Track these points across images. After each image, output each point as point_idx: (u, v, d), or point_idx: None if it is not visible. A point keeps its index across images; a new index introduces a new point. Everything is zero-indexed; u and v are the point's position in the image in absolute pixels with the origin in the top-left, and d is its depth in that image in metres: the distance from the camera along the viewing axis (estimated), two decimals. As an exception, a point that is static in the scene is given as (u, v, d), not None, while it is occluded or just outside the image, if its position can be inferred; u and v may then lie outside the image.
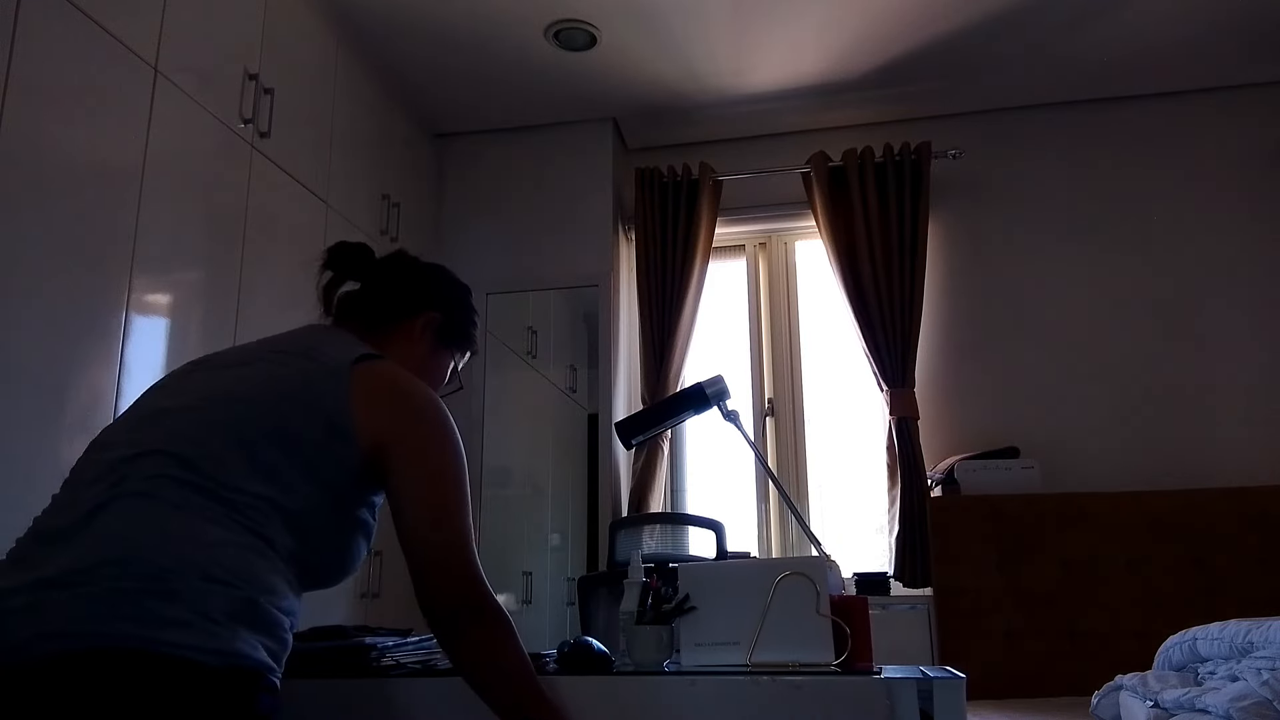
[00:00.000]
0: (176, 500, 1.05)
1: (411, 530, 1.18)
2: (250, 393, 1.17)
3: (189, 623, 0.97)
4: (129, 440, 1.12)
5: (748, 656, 1.34)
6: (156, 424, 1.13)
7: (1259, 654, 1.70)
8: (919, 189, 3.55)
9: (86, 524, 1.03)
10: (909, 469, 3.32)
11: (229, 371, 1.23)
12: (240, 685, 1.00)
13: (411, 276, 1.48)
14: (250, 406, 1.15)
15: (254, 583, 1.05)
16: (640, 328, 3.64)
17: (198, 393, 1.18)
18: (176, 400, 1.17)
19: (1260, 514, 2.90)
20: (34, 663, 0.94)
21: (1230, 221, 3.50)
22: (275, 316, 2.71)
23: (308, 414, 1.16)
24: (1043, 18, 3.16)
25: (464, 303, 1.52)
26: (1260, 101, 3.57)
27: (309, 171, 2.90)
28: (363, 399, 1.18)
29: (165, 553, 1.01)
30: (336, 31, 3.12)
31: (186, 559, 1.01)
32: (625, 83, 3.52)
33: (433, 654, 1.56)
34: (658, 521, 2.87)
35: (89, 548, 1.01)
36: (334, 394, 1.18)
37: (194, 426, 1.12)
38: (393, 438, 1.18)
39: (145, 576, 0.98)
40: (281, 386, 1.18)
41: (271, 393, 1.17)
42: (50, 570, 0.99)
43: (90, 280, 2.03)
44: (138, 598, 0.97)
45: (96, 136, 2.06)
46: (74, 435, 1.96)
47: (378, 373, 1.23)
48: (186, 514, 1.04)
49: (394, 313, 1.42)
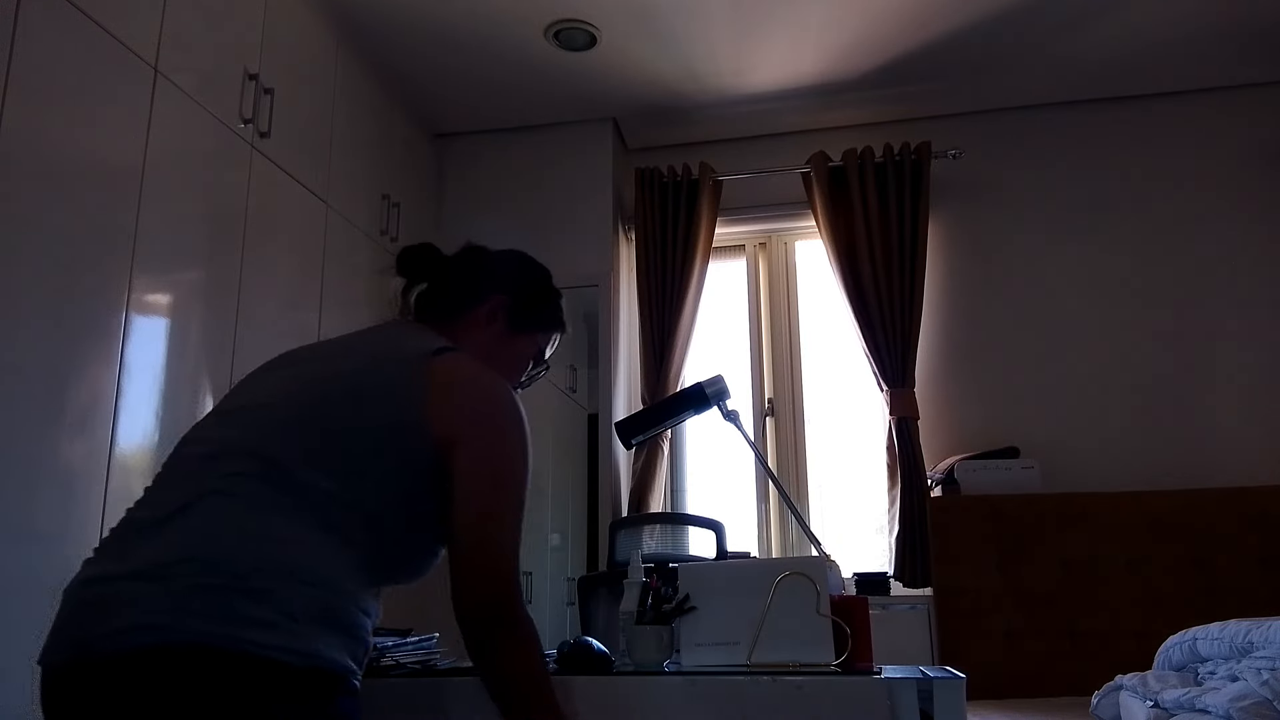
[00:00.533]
0: (256, 499, 1.05)
1: (457, 529, 1.15)
2: (328, 390, 1.17)
3: (273, 623, 0.98)
4: (212, 438, 1.13)
5: (748, 656, 1.34)
6: (238, 422, 1.14)
7: (1259, 654, 1.70)
8: (919, 189, 3.55)
9: (170, 520, 1.04)
10: (909, 469, 3.32)
11: (309, 366, 1.22)
12: (321, 686, 1.01)
13: (477, 265, 1.45)
14: (327, 404, 1.15)
15: (334, 583, 1.05)
16: (640, 328, 3.64)
17: (278, 390, 1.18)
18: (257, 397, 1.18)
19: (1260, 514, 2.90)
20: (114, 654, 0.95)
21: (1230, 221, 3.50)
22: (275, 316, 2.71)
23: (384, 410, 1.15)
24: (1043, 18, 3.16)
25: (538, 284, 1.47)
26: (1260, 101, 3.57)
27: (309, 171, 2.90)
28: (437, 394, 1.17)
29: (246, 551, 1.01)
30: (336, 31, 3.12)
31: (267, 558, 1.01)
32: (625, 83, 3.52)
33: (432, 654, 1.56)
34: (658, 521, 2.87)
35: (173, 544, 1.01)
36: (409, 389, 1.16)
37: (272, 424, 1.12)
38: (460, 435, 1.16)
39: (227, 575, 0.99)
40: (359, 382, 1.18)
41: (349, 389, 1.17)
42: (135, 563, 1.01)
43: (90, 280, 2.03)
44: (219, 595, 0.98)
45: (96, 136, 2.06)
46: (74, 435, 1.96)
47: (452, 366, 1.21)
48: (266, 513, 1.05)
49: (462, 303, 1.39)
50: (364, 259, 3.23)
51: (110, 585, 1.00)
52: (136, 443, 2.14)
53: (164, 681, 0.94)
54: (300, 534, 1.05)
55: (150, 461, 2.18)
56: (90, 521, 1.98)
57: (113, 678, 0.96)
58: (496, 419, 1.20)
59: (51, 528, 1.89)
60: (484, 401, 1.20)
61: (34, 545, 1.85)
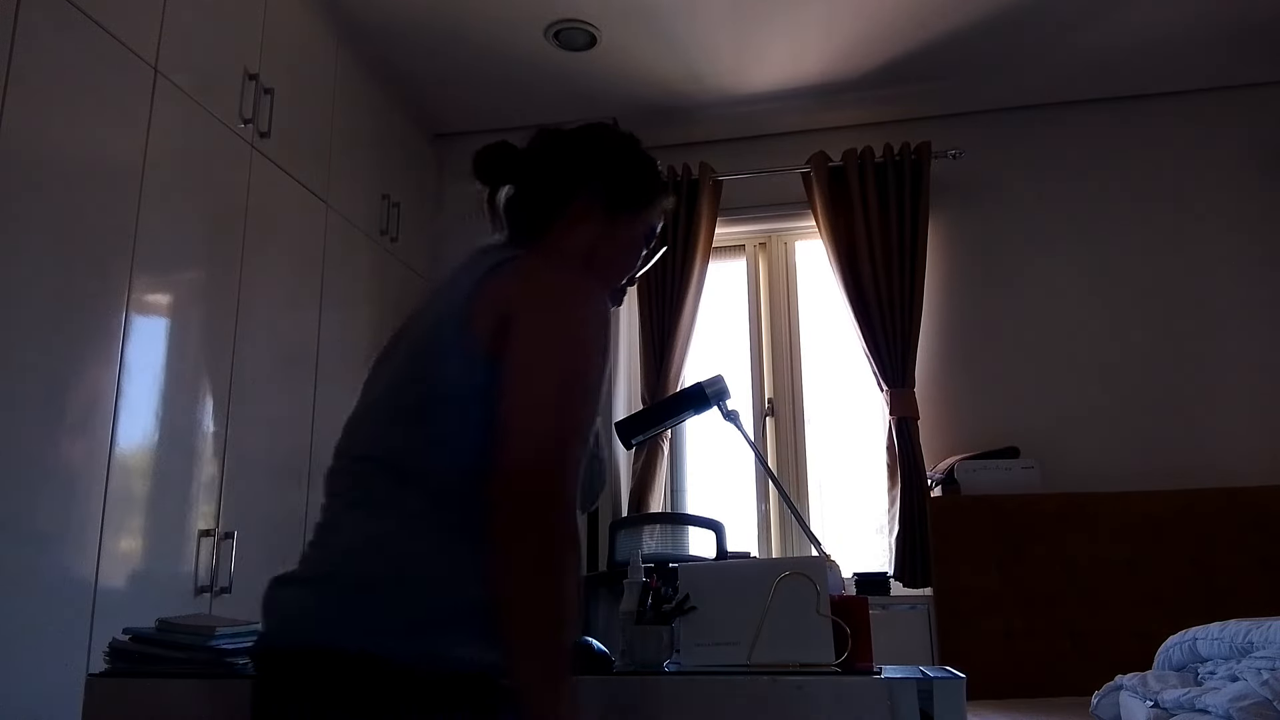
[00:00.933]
0: (381, 505, 1.04)
1: (497, 427, 0.99)
2: (397, 372, 1.11)
3: (412, 629, 0.97)
4: (338, 450, 1.15)
5: (748, 656, 1.34)
6: (351, 431, 1.16)
7: (1259, 654, 1.70)
8: (919, 189, 3.55)
9: (322, 534, 1.09)
10: (909, 469, 3.32)
11: (390, 361, 1.18)
12: (474, 691, 0.99)
13: (558, 154, 1.26)
14: (398, 387, 1.09)
15: (471, 582, 0.98)
16: (640, 328, 3.64)
17: (371, 387, 1.19)
18: (363, 398, 1.19)
19: (1260, 514, 2.90)
20: (271, 654, 1.02)
21: (1230, 221, 3.50)
22: (275, 316, 2.71)
23: (446, 366, 1.04)
24: (1043, 18, 3.16)
25: (631, 155, 1.28)
26: (1260, 101, 3.57)
27: (309, 171, 2.90)
28: (481, 319, 1.04)
29: (380, 562, 1.00)
30: (336, 31, 3.12)
31: (400, 566, 1.00)
32: (625, 83, 3.52)
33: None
34: (658, 521, 2.87)
35: (324, 558, 1.05)
36: (457, 329, 1.05)
37: (371, 424, 1.12)
38: (509, 333, 1.02)
39: (366, 585, 0.99)
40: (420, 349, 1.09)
41: (413, 363, 1.09)
42: (299, 571, 1.07)
43: (90, 280, 2.03)
44: (362, 604, 0.98)
45: (96, 136, 2.06)
46: (74, 435, 1.96)
47: (498, 283, 1.07)
48: (390, 519, 1.02)
49: (553, 202, 1.23)
50: (364, 259, 3.23)
51: (272, 589, 1.09)
52: (136, 443, 2.14)
53: (295, 687, 0.98)
54: (427, 533, 1.01)
55: (150, 461, 2.18)
56: (90, 521, 1.98)
57: (261, 676, 1.03)
58: (546, 303, 1.05)
59: (51, 528, 1.89)
60: (530, 293, 1.06)
61: (34, 545, 1.85)
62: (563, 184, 1.23)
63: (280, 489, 2.69)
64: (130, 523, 2.11)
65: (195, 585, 2.30)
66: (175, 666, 1.48)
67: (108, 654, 1.52)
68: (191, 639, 1.49)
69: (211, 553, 2.35)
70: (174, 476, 2.26)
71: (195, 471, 2.34)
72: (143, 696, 1.44)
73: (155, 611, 1.72)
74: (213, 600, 2.33)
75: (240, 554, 2.42)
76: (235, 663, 1.49)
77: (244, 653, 1.46)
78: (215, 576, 2.35)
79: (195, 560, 2.30)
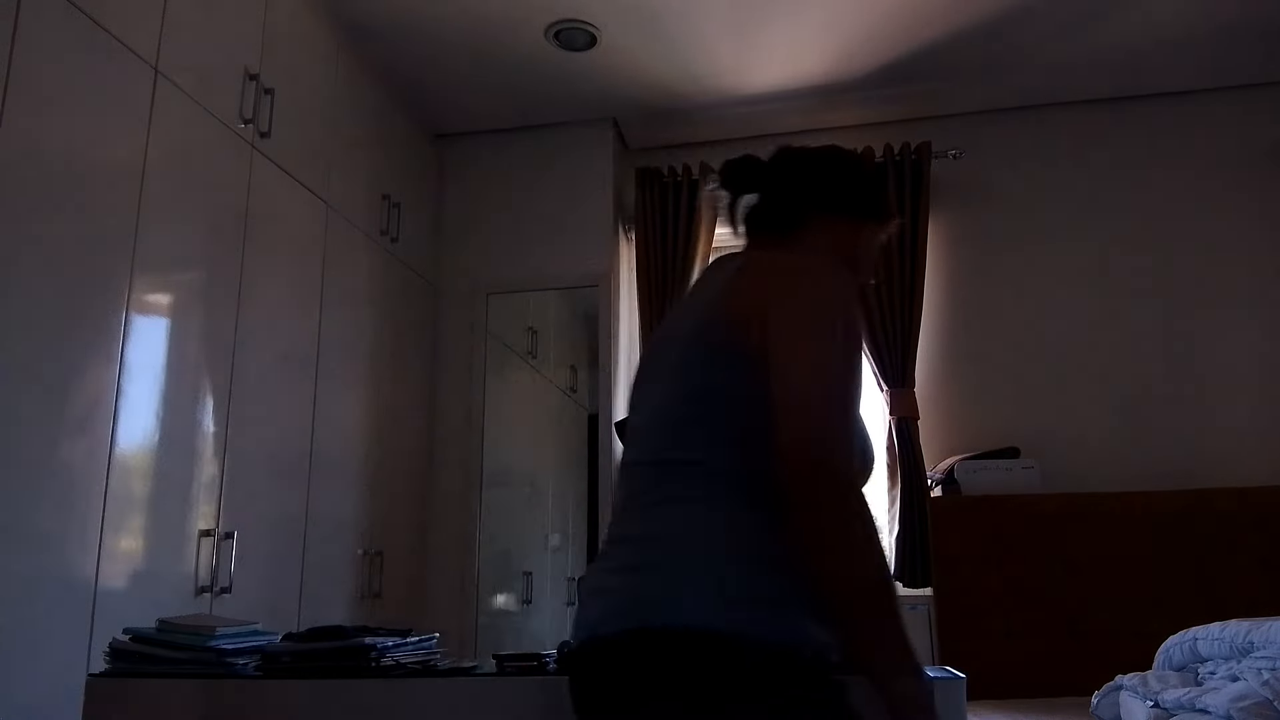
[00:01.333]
0: (692, 500, 1.06)
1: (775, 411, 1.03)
2: (672, 379, 1.15)
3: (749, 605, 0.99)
4: (629, 461, 1.18)
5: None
6: (638, 441, 1.17)
7: (1259, 654, 1.70)
8: (919, 189, 3.55)
9: (629, 528, 1.10)
10: (909, 469, 3.32)
11: (659, 360, 1.21)
12: (813, 667, 1.00)
13: (804, 169, 1.38)
14: (677, 394, 1.13)
15: (790, 563, 1.01)
16: (640, 328, 3.64)
17: (646, 398, 1.20)
18: (640, 410, 1.21)
19: (1260, 514, 2.90)
20: (604, 641, 1.02)
21: (1230, 221, 3.50)
22: (275, 316, 2.71)
23: (716, 367, 1.10)
24: (1043, 18, 3.16)
25: (861, 174, 1.39)
26: (1260, 101, 3.57)
27: (309, 171, 2.90)
28: (739, 316, 1.10)
29: (701, 545, 1.03)
30: (336, 31, 3.12)
31: (722, 549, 1.02)
32: (625, 83, 3.52)
33: (432, 654, 1.56)
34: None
35: (641, 549, 1.06)
36: (718, 330, 1.11)
37: (661, 430, 1.13)
38: (767, 324, 1.07)
39: (696, 567, 1.01)
40: (688, 355, 1.14)
41: (687, 370, 1.13)
42: (615, 564, 1.08)
43: (90, 280, 2.03)
44: (696, 584, 1.00)
45: (96, 136, 2.06)
46: (74, 435, 1.96)
47: (748, 281, 1.15)
48: (702, 509, 1.05)
49: (796, 212, 1.32)
50: (364, 259, 3.23)
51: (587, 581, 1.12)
52: (136, 443, 2.14)
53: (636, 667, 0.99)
54: (735, 523, 1.04)
55: (150, 461, 2.18)
56: (90, 521, 1.98)
57: (590, 663, 1.05)
58: (798, 289, 1.10)
59: (51, 528, 1.89)
60: (781, 283, 1.12)
61: (34, 545, 1.85)
62: (807, 196, 1.34)
63: (280, 489, 2.69)
64: (130, 523, 2.11)
65: (195, 585, 2.30)
66: (175, 666, 1.48)
67: (108, 654, 1.52)
68: (191, 639, 1.49)
69: (211, 553, 2.35)
70: (174, 476, 2.26)
71: (195, 471, 2.34)
72: (143, 696, 1.44)
73: (155, 611, 1.72)
74: (213, 600, 2.33)
75: (240, 554, 2.42)
76: (235, 663, 1.49)
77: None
78: (215, 576, 2.35)
79: (195, 560, 2.30)
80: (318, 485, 2.85)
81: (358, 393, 3.14)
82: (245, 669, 1.49)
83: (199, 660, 1.47)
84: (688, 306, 1.22)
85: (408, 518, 3.44)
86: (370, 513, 3.16)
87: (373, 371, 3.24)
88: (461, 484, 3.57)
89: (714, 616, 0.97)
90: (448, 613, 3.41)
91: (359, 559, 3.06)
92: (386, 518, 3.26)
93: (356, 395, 3.13)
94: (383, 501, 3.25)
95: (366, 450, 3.17)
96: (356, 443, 3.11)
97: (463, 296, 3.75)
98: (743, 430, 1.06)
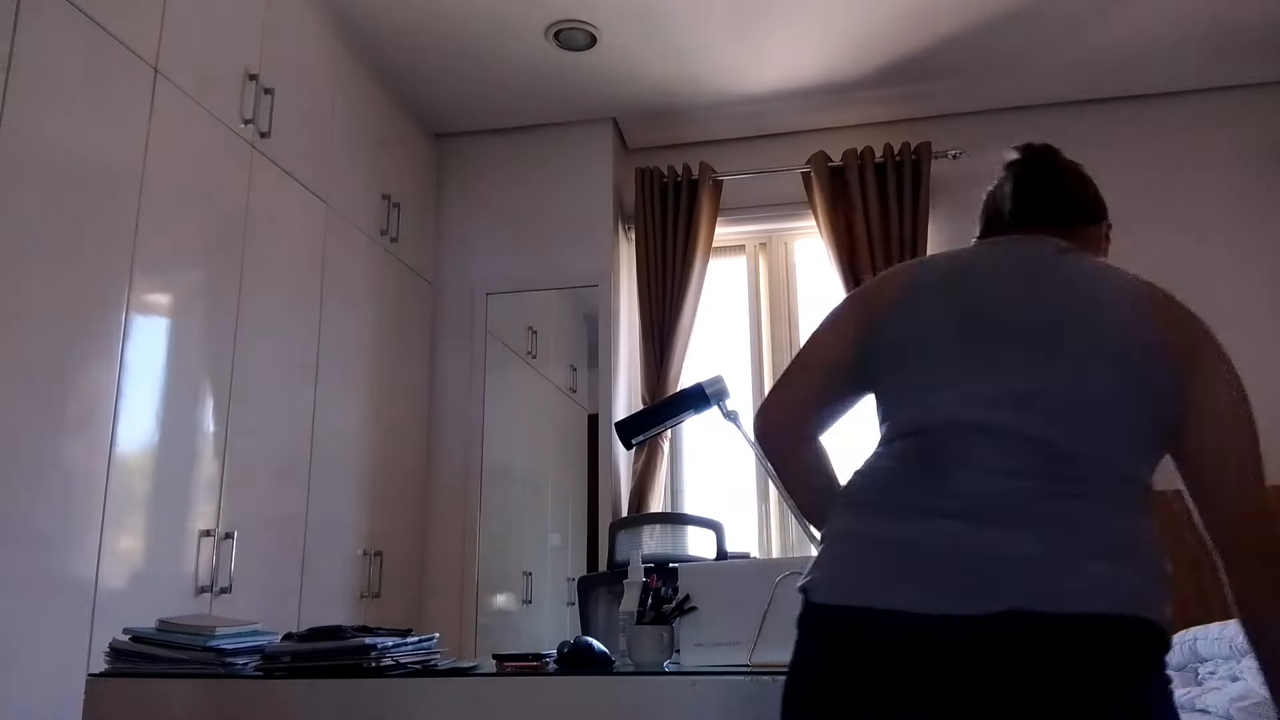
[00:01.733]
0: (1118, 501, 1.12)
1: (1217, 466, 1.21)
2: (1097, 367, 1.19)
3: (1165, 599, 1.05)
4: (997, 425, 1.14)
5: (748, 656, 1.34)
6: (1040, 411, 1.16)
7: (1259, 654, 1.70)
8: (919, 189, 3.55)
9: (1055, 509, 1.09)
10: (909, 469, 3.31)
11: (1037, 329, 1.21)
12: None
13: (1086, 181, 1.47)
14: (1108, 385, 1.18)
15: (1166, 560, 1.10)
16: (640, 328, 3.64)
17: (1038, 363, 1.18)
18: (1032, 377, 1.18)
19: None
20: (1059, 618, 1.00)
21: (1230, 221, 3.50)
22: (275, 316, 2.71)
23: (1145, 373, 1.19)
24: (1043, 18, 3.16)
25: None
26: (1260, 101, 3.57)
27: (309, 171, 2.90)
28: (1171, 339, 1.20)
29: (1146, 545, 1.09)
30: (336, 31, 3.12)
31: (1152, 548, 1.09)
32: (625, 83, 3.52)
33: (432, 654, 1.56)
34: (658, 521, 2.87)
35: (1098, 540, 1.07)
36: (1153, 339, 1.20)
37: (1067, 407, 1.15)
38: (1198, 356, 1.22)
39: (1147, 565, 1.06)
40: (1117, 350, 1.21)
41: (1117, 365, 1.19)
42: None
43: (90, 280, 2.03)
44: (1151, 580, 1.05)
45: (96, 136, 2.06)
46: (74, 435, 1.96)
47: (1167, 305, 1.26)
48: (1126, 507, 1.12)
49: (1083, 217, 1.41)
50: (364, 259, 3.24)
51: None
52: (136, 443, 2.14)
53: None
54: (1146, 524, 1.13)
55: (150, 461, 2.18)
56: (90, 521, 1.99)
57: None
58: (1215, 340, 1.22)
59: (51, 528, 1.89)
60: (1201, 324, 1.22)
61: (34, 545, 1.85)
62: (1096, 207, 1.43)
63: (280, 489, 2.69)
64: (130, 523, 2.11)
65: (195, 585, 2.30)
66: (175, 666, 1.48)
67: (108, 654, 1.52)
68: (191, 639, 1.49)
69: (211, 553, 2.35)
70: (174, 476, 2.26)
71: (195, 471, 2.34)
72: (143, 696, 1.44)
73: (155, 611, 1.72)
74: (213, 600, 2.34)
75: (240, 554, 2.42)
76: (235, 663, 1.49)
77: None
78: (215, 576, 2.35)
79: (195, 560, 2.30)
80: (318, 485, 2.85)
81: (358, 393, 3.14)
82: (245, 669, 1.49)
83: (199, 660, 1.47)
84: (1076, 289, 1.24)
85: (408, 518, 3.44)
86: (370, 513, 3.16)
87: (373, 371, 3.24)
88: (461, 484, 3.57)
89: (1162, 610, 1.03)
90: (448, 613, 3.41)
91: (359, 559, 3.07)
92: (386, 518, 3.27)
93: (356, 395, 3.13)
94: (383, 501, 3.25)
95: (366, 450, 3.17)
96: (356, 442, 3.11)
97: (463, 296, 3.76)
98: (1145, 448, 1.15)
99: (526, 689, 1.33)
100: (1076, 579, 1.02)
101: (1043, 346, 1.15)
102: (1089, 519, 1.08)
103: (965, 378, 1.14)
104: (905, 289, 1.25)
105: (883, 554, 1.05)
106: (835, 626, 1.04)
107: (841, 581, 1.06)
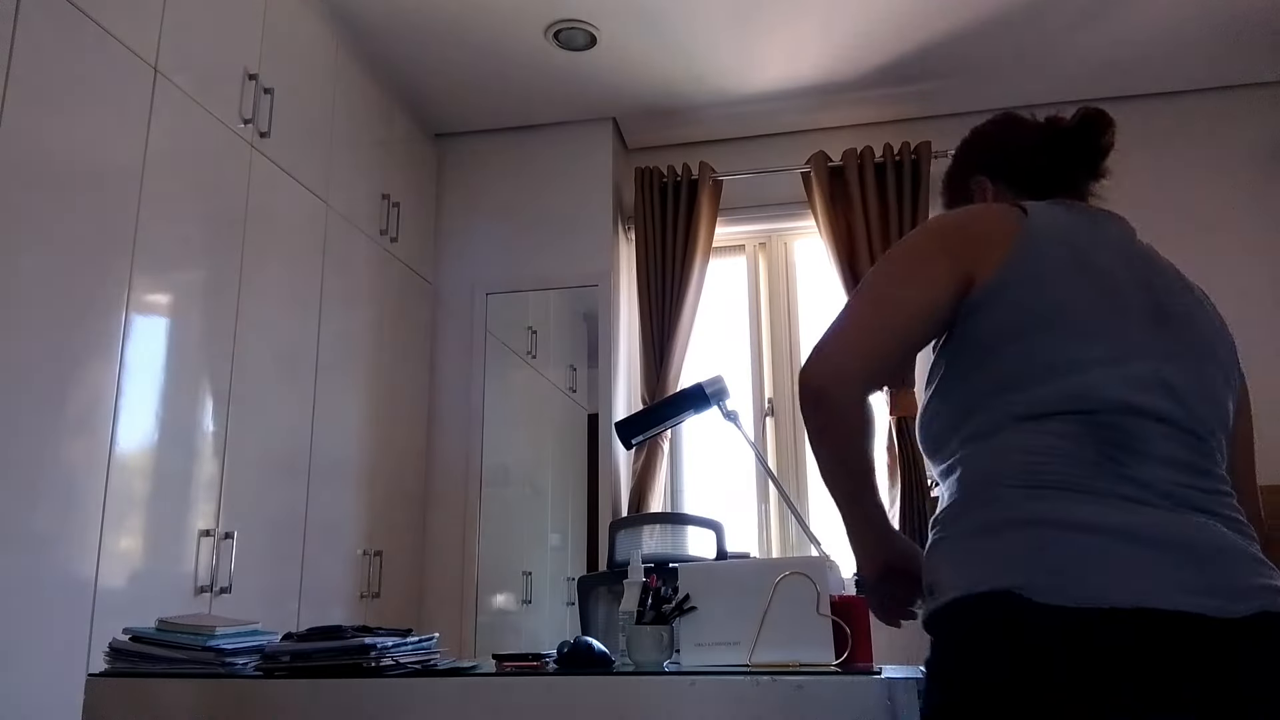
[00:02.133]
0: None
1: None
2: (1218, 341, 1.30)
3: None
4: (1168, 412, 1.11)
5: (748, 656, 1.34)
6: (1195, 383, 1.18)
7: (1259, 654, 1.70)
8: (919, 189, 3.55)
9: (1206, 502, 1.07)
10: (909, 469, 3.32)
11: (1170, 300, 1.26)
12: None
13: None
14: (1222, 361, 1.28)
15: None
16: (640, 328, 3.64)
17: (1180, 335, 1.21)
18: (1178, 345, 1.20)
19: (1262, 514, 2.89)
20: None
21: (1230, 221, 3.50)
22: (275, 316, 2.71)
23: (1228, 343, 1.34)
24: (1043, 18, 3.16)
25: None
26: (1260, 101, 3.57)
27: (309, 171, 2.90)
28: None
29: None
30: (336, 31, 3.12)
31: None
32: (625, 83, 3.52)
33: (432, 654, 1.56)
34: (657, 521, 2.86)
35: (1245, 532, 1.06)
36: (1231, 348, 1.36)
37: (1212, 392, 1.20)
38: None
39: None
40: (1217, 327, 1.38)
41: (1221, 342, 1.33)
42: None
43: (90, 280, 2.03)
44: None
45: (96, 136, 2.06)
46: (74, 435, 1.96)
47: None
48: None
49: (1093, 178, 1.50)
50: (364, 259, 3.24)
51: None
52: (136, 443, 2.14)
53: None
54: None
55: (150, 461, 2.18)
56: (90, 521, 1.99)
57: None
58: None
59: (51, 528, 1.89)
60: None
61: (34, 545, 1.85)
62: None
63: (280, 489, 2.69)
64: (130, 523, 2.11)
65: (195, 585, 2.30)
66: (175, 666, 1.48)
67: (108, 654, 1.52)
68: (191, 639, 1.49)
69: (211, 553, 2.35)
70: (174, 476, 2.26)
71: (195, 471, 2.34)
72: (143, 696, 1.44)
73: (155, 611, 1.72)
74: (213, 600, 2.34)
75: (240, 554, 2.42)
76: (235, 663, 1.49)
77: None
78: (215, 576, 2.35)
79: (195, 560, 2.30)
80: (317, 485, 2.85)
81: (357, 392, 3.14)
82: (245, 669, 1.49)
83: (199, 660, 1.47)
84: (1156, 263, 1.30)
85: (407, 518, 3.44)
86: (370, 513, 3.16)
87: (372, 371, 3.24)
88: (461, 484, 3.57)
89: None
90: (447, 612, 3.41)
91: (359, 559, 3.07)
92: (386, 518, 3.26)
93: (356, 395, 3.13)
94: (383, 501, 3.25)
95: (366, 450, 3.17)
96: (356, 442, 3.11)
97: (463, 296, 3.76)
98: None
99: (526, 689, 1.33)
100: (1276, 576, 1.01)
101: (1170, 334, 1.14)
102: (1240, 516, 1.07)
103: (1116, 356, 1.06)
104: (1020, 244, 1.13)
105: (1129, 548, 0.94)
106: (1085, 631, 0.90)
107: (1089, 578, 0.92)
